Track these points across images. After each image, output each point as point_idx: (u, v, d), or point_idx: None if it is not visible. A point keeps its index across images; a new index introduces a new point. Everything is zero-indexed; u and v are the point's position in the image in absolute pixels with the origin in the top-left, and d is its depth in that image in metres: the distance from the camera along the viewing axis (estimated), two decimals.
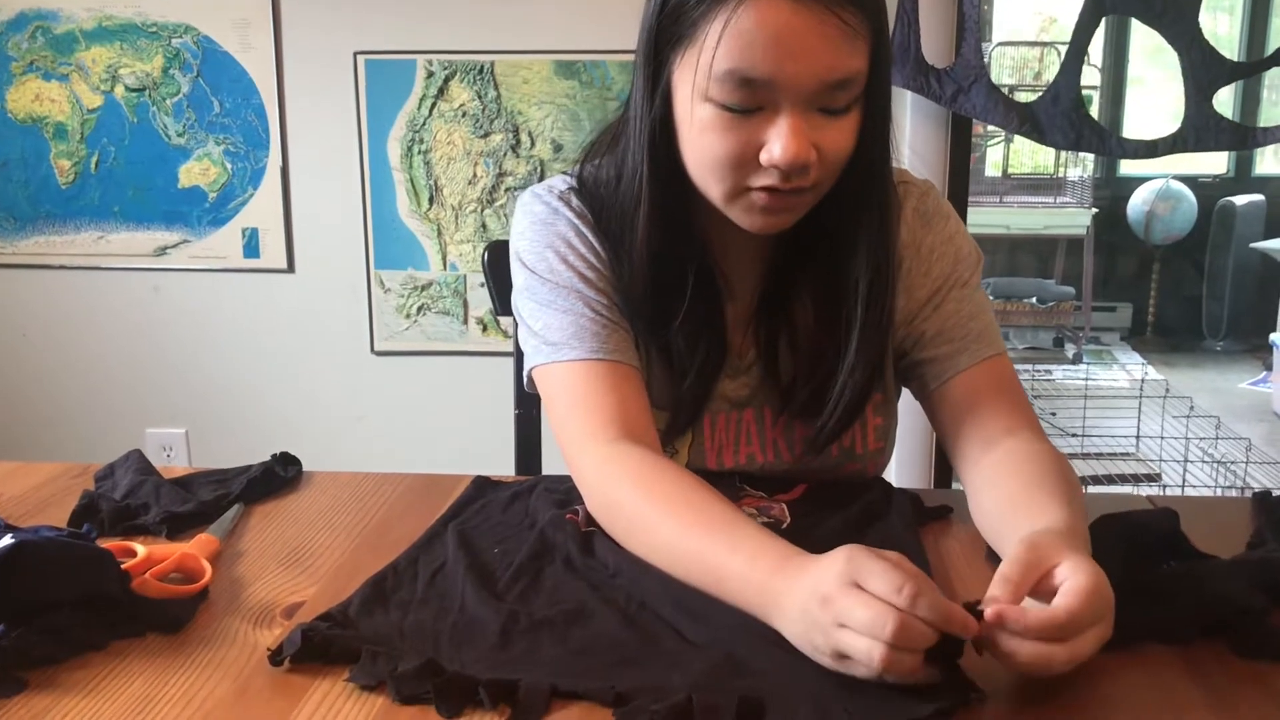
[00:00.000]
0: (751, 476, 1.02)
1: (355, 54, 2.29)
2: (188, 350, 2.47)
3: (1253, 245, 4.99)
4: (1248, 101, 5.32)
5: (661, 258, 0.95)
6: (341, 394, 2.46)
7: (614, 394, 0.91)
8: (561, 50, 2.25)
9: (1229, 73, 2.01)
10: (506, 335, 2.34)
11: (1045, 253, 5.46)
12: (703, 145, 0.86)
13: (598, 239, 0.98)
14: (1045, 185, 5.25)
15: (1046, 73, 4.93)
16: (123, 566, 0.76)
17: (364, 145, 2.32)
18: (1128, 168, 5.52)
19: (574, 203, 1.00)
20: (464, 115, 2.30)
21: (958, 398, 0.96)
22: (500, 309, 1.26)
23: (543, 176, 2.31)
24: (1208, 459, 3.26)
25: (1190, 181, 5.23)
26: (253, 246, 2.39)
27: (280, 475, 1.04)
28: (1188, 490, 3.10)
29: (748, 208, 0.89)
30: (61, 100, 2.36)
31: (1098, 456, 3.38)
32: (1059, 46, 4.73)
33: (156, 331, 2.46)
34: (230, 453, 1.48)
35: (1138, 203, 5.24)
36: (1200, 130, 1.99)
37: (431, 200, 2.34)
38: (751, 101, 0.83)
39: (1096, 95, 5.34)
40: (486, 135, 2.30)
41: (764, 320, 1.01)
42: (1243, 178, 5.52)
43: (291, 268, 2.41)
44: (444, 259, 2.37)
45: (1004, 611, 0.63)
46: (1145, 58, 5.43)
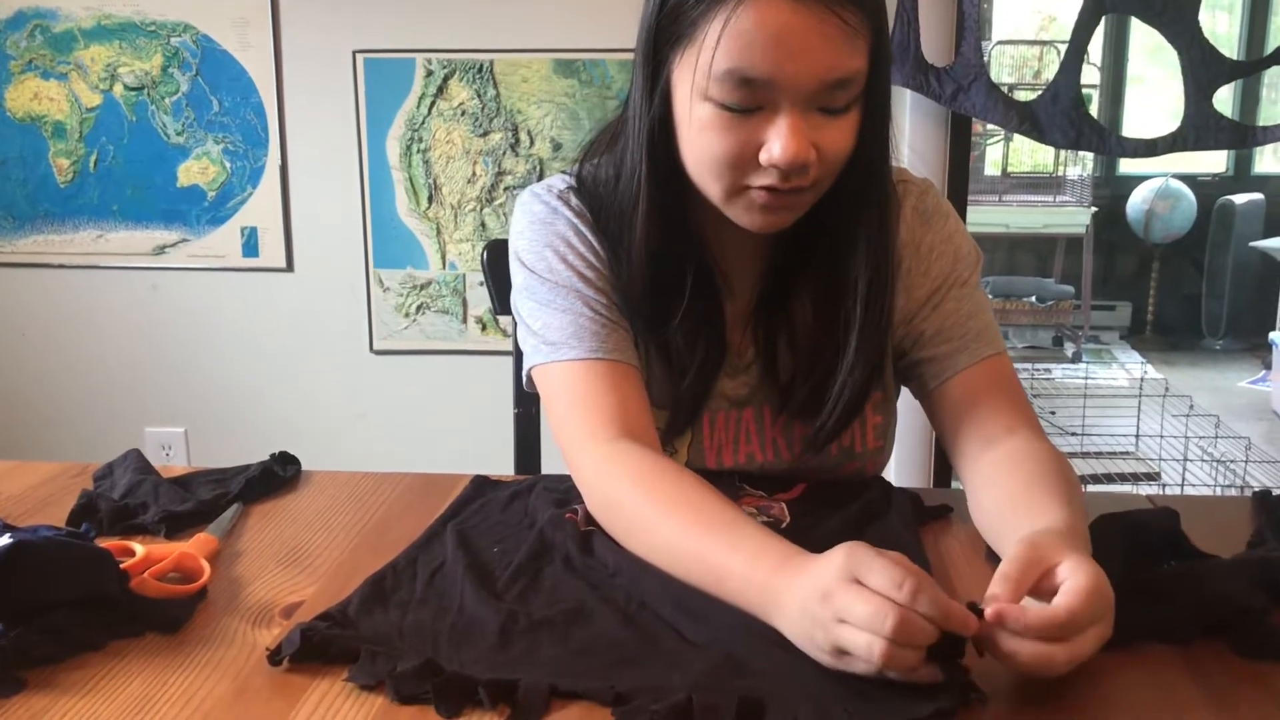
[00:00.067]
0: (751, 475, 1.02)
1: (354, 53, 2.28)
2: (187, 349, 2.46)
3: (1252, 244, 4.99)
4: (1247, 100, 5.32)
5: (660, 256, 0.94)
6: (340, 393, 2.45)
7: (613, 393, 0.91)
8: (561, 49, 2.25)
9: (1228, 71, 2.01)
10: (506, 334, 2.34)
11: (1044, 251, 5.45)
12: (702, 144, 0.86)
13: (597, 238, 0.98)
14: (1045, 184, 5.25)
15: (1046, 71, 4.94)
16: (121, 566, 0.76)
17: (363, 144, 2.32)
18: (1127, 166, 5.52)
19: (573, 202, 1.00)
20: (463, 114, 2.29)
21: (957, 397, 0.96)
22: (499, 308, 1.26)
23: (542, 175, 2.30)
24: (1207, 458, 3.26)
25: (1190, 180, 5.23)
26: (252, 245, 2.39)
27: (279, 475, 1.04)
28: (1187, 489, 3.10)
29: (747, 207, 0.89)
30: (60, 99, 2.36)
31: (1097, 455, 3.38)
32: (1058, 45, 4.74)
33: (155, 331, 2.46)
34: (229, 452, 1.48)
35: (1137, 201, 5.24)
36: (1200, 129, 1.99)
37: (430, 199, 2.34)
38: (751, 101, 0.83)
39: (1096, 94, 5.34)
40: (486, 134, 2.30)
41: (763, 319, 1.01)
42: (1242, 176, 5.52)
43: (290, 267, 2.40)
44: (443, 258, 2.37)
45: (1004, 610, 0.63)
46: (1145, 56, 5.43)
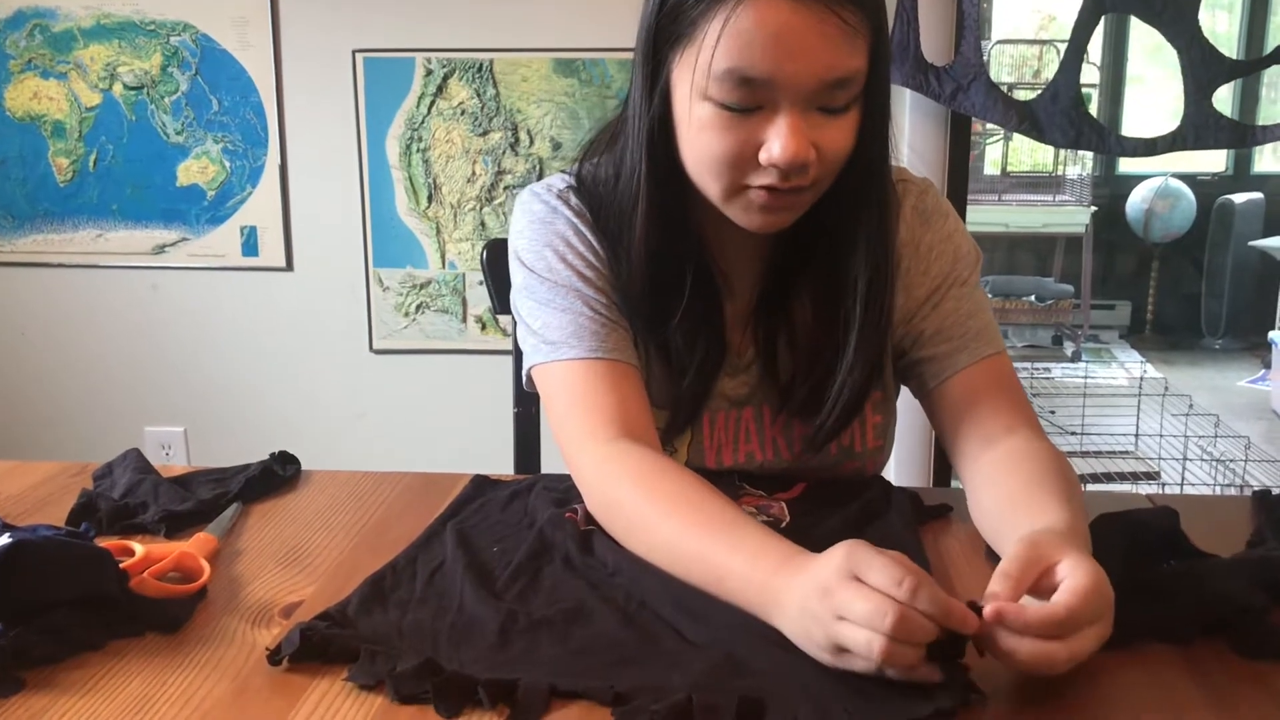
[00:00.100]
0: (751, 475, 1.02)
1: (354, 52, 2.28)
2: (186, 349, 2.46)
3: (1251, 243, 5.00)
4: (1247, 100, 5.32)
5: (660, 256, 0.94)
6: (340, 393, 2.45)
7: (613, 393, 0.91)
8: (560, 48, 2.25)
9: (1228, 71, 2.00)
10: (505, 334, 2.34)
11: (1044, 251, 5.45)
12: (701, 144, 0.86)
13: (596, 237, 0.98)
14: (1044, 183, 5.25)
15: (1046, 71, 4.93)
16: (121, 566, 0.76)
17: (363, 143, 2.32)
18: (1127, 166, 5.52)
19: (573, 201, 1.00)
20: (463, 113, 2.29)
21: (957, 396, 0.96)
22: (499, 307, 1.26)
23: (541, 174, 2.30)
24: (1207, 457, 3.25)
25: (1189, 179, 5.23)
26: (251, 245, 2.39)
27: (279, 474, 1.04)
28: (1186, 488, 3.10)
29: (746, 206, 0.89)
30: (60, 98, 2.36)
31: (1096, 455, 3.38)
32: (1058, 44, 4.73)
33: (155, 330, 2.46)
34: (229, 451, 1.48)
35: (1137, 201, 5.24)
36: (1199, 128, 1.99)
37: (430, 198, 2.34)
38: (750, 100, 0.83)
39: (1096, 93, 5.34)
40: (485, 133, 2.30)
41: (763, 318, 1.01)
42: (1241, 176, 5.52)
43: (290, 266, 2.40)
44: (443, 257, 2.37)
45: (1003, 609, 0.63)
46: (1144, 56, 5.43)
